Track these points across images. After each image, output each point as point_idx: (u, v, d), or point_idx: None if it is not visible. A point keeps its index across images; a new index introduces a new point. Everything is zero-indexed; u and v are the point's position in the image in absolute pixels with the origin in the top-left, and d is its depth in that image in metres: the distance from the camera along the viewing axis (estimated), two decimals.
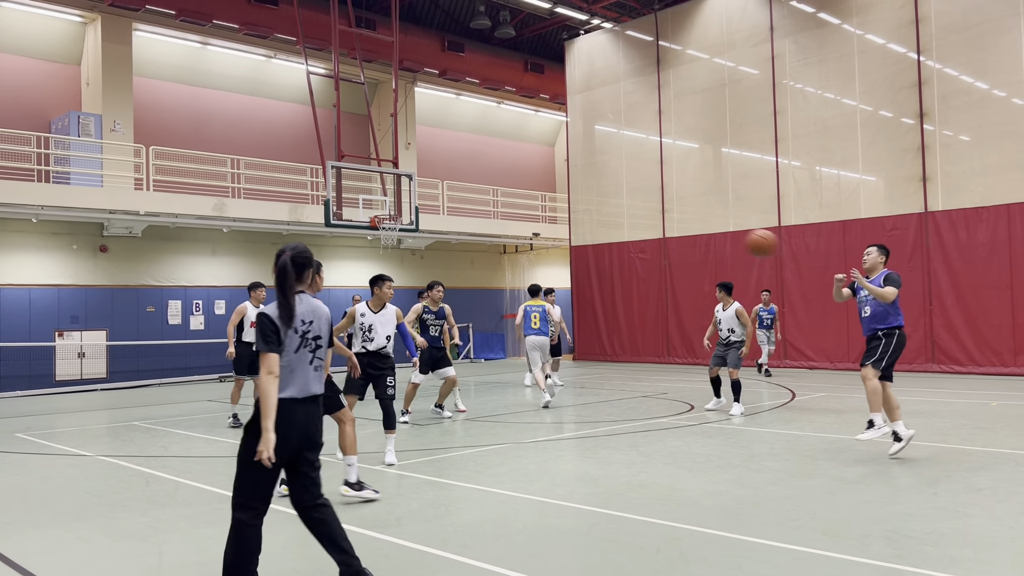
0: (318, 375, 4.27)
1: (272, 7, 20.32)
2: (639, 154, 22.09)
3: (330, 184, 15.98)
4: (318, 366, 4.28)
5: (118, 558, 5.15)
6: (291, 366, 4.16)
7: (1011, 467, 7.14)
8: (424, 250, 24.92)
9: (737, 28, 19.93)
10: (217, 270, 20.58)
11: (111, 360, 18.67)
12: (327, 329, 4.38)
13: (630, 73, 22.34)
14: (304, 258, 4.29)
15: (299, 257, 4.27)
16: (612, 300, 22.58)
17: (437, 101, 27.07)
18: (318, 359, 4.28)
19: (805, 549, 4.89)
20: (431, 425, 10.84)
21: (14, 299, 17.59)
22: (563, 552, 5.04)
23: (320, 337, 4.31)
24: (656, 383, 16.15)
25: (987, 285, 16.08)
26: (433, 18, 25.24)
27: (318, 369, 4.28)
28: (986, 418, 10.24)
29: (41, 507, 6.60)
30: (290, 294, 4.16)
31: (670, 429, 9.91)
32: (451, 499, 6.45)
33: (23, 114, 19.03)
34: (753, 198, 19.59)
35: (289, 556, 5.05)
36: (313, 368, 4.25)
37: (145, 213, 18.26)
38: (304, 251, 4.33)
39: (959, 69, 16.55)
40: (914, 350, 16.97)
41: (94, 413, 13.64)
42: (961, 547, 4.86)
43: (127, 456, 8.92)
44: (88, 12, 19.28)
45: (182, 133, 21.34)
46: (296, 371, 4.17)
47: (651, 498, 6.32)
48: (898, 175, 17.36)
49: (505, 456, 8.33)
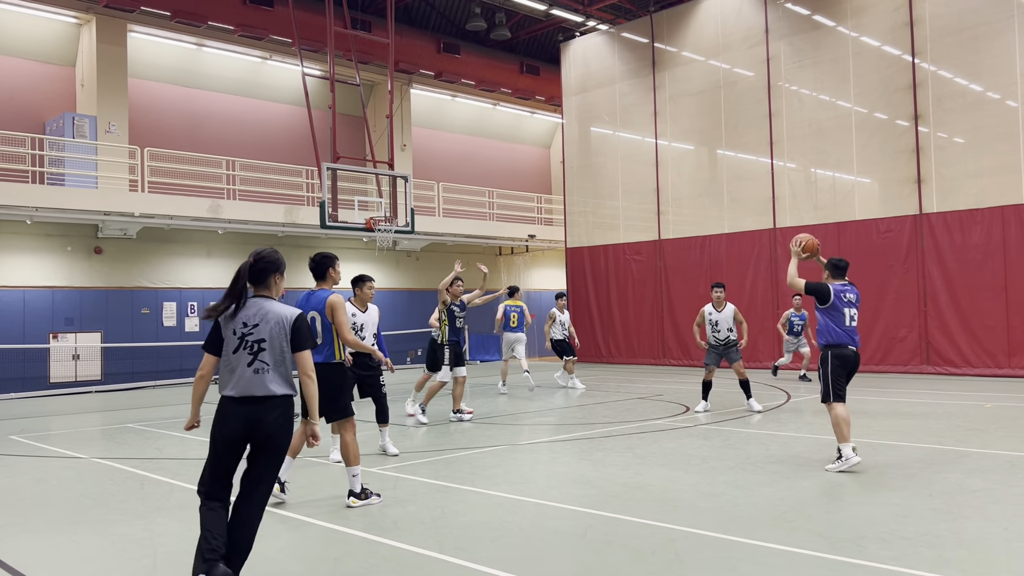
0: (260, 378, 4.29)
1: (267, 8, 20.30)
2: (635, 156, 22.11)
3: (325, 186, 15.96)
4: (259, 368, 4.30)
5: (113, 560, 5.14)
6: (230, 366, 4.32)
7: (1005, 469, 7.16)
8: (420, 252, 24.91)
9: (732, 30, 19.97)
10: (212, 272, 20.55)
11: (106, 362, 18.62)
12: (280, 334, 4.35)
13: (626, 75, 22.37)
14: (266, 263, 4.38)
15: (260, 262, 4.38)
16: (607, 302, 22.60)
17: (433, 103, 27.08)
18: (260, 362, 4.31)
19: (800, 551, 4.90)
20: (427, 427, 10.83)
21: (8, 301, 17.54)
22: (559, 554, 5.05)
23: (264, 340, 4.32)
24: (651, 384, 16.16)
25: (981, 287, 16.13)
26: (429, 20, 25.25)
27: (259, 372, 4.30)
28: (981, 420, 10.26)
29: (35, 510, 6.58)
30: (229, 297, 4.31)
31: (665, 431, 9.92)
32: (447, 501, 6.44)
33: (18, 115, 18.98)
34: (748, 200, 19.63)
35: (284, 559, 5.05)
36: (253, 371, 4.29)
37: (140, 215, 18.22)
38: (267, 257, 4.41)
39: (953, 72, 16.61)
40: (909, 352, 17.02)
41: (89, 415, 13.61)
42: (956, 549, 4.87)
43: (122, 458, 8.90)
44: (83, 13, 19.24)
45: (177, 134, 21.30)
46: (235, 371, 4.30)
47: (647, 500, 6.32)
48: (893, 177, 17.41)
49: (501, 458, 8.33)
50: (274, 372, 4.32)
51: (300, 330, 4.40)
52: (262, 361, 4.30)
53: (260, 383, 4.29)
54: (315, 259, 6.55)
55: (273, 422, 4.29)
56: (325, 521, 5.90)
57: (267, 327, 4.34)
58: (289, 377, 4.40)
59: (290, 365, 4.39)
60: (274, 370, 4.32)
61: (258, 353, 4.30)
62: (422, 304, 24.93)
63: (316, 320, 6.44)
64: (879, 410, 11.36)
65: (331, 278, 6.59)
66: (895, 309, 17.21)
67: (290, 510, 6.26)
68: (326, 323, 6.46)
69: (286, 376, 4.38)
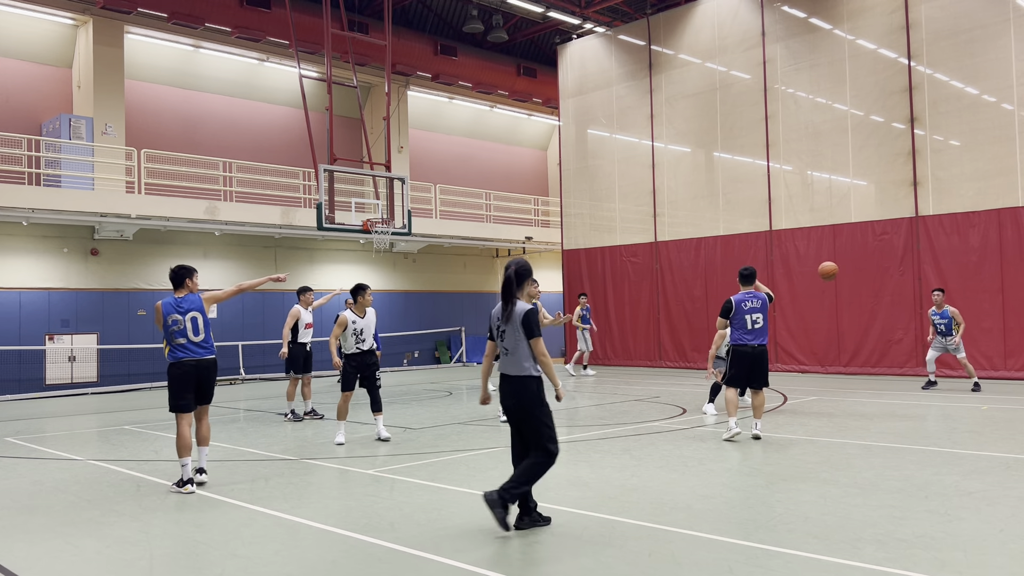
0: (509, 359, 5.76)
1: (265, 10, 20.28)
2: (631, 158, 22.13)
3: (322, 187, 15.96)
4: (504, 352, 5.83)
5: (109, 563, 5.13)
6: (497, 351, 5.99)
7: (1001, 471, 7.18)
8: (417, 254, 24.91)
9: (729, 33, 20.00)
10: (209, 273, 20.50)
11: (102, 364, 18.60)
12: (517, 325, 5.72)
13: (622, 77, 22.39)
14: (525, 270, 5.90)
15: (521, 270, 5.92)
16: (604, 304, 22.61)
17: (430, 105, 27.09)
18: (503, 348, 5.80)
19: (796, 552, 4.91)
20: (424, 429, 10.84)
21: (4, 302, 17.50)
22: (556, 556, 5.05)
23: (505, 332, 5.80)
24: (648, 387, 16.17)
25: (978, 289, 16.16)
26: (426, 22, 25.26)
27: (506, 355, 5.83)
28: (976, 422, 10.29)
29: (31, 512, 6.56)
30: (504, 300, 5.77)
31: (662, 433, 9.93)
32: (444, 503, 6.44)
33: (14, 116, 18.96)
34: (744, 202, 19.66)
35: (281, 561, 5.04)
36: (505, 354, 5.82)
37: (136, 216, 18.20)
38: (524, 265, 5.95)
39: (949, 74, 16.65)
40: (905, 354, 17.05)
41: (85, 417, 13.58)
42: (952, 550, 4.88)
43: (118, 460, 8.88)
44: (80, 15, 19.22)
45: (174, 136, 21.29)
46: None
47: (643, 502, 6.33)
48: (889, 179, 17.44)
49: (497, 460, 8.33)
50: (513, 355, 5.67)
51: (527, 322, 5.65)
52: (505, 346, 5.73)
53: (511, 363, 5.70)
54: (175, 270, 7.54)
55: (519, 393, 5.70)
56: (322, 523, 5.90)
57: (511, 321, 5.71)
58: (531, 359, 5.65)
59: (527, 351, 5.66)
60: (513, 354, 5.67)
61: (504, 340, 5.76)
62: (419, 306, 24.94)
63: (198, 320, 7.38)
64: (875, 412, 11.38)
65: (188, 287, 7.52)
66: (891, 311, 17.25)
67: (287, 512, 6.26)
68: (206, 320, 7.45)
69: (528, 358, 5.67)
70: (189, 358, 7.29)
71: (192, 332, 7.32)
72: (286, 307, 21.73)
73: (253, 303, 21.16)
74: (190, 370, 7.29)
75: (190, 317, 7.33)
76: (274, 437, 10.46)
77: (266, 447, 9.63)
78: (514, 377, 5.68)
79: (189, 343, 7.31)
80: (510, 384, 5.71)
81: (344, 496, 6.88)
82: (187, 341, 7.30)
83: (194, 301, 7.43)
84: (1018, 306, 15.72)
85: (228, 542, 5.49)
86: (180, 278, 7.50)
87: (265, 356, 21.15)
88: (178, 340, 7.30)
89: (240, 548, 5.34)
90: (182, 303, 7.39)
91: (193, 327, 7.32)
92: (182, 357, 7.28)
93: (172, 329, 7.30)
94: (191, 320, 7.33)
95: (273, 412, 13.34)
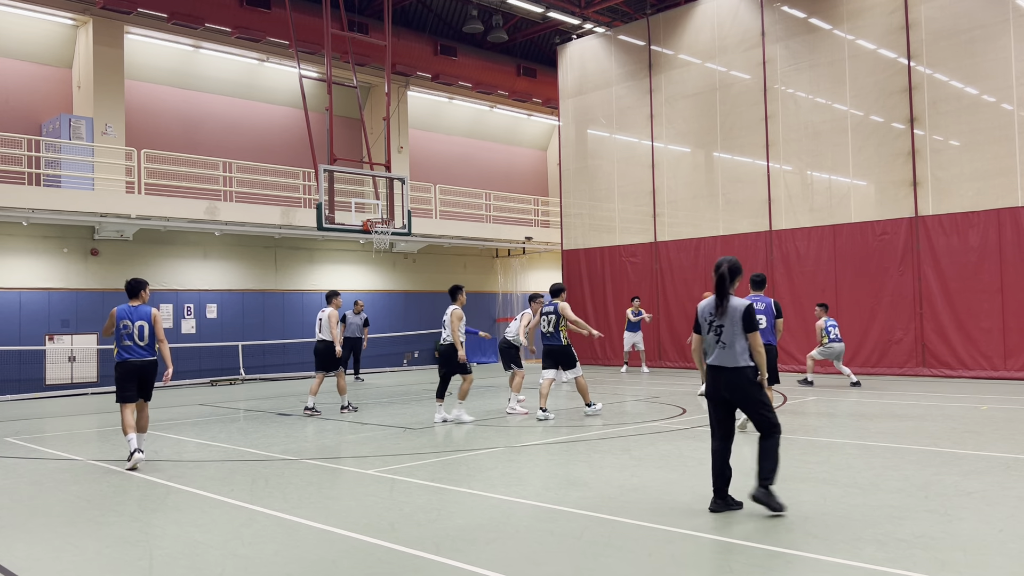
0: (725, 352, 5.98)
1: (265, 10, 20.28)
2: (631, 158, 22.13)
3: (322, 188, 15.96)
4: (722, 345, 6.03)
5: (109, 563, 5.13)
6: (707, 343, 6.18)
7: (1001, 471, 7.18)
8: (416, 254, 24.91)
9: (728, 33, 20.00)
10: (209, 274, 20.53)
11: (101, 364, 18.58)
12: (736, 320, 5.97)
13: (622, 77, 22.39)
14: (736, 267, 6.08)
15: (733, 268, 6.08)
16: (604, 304, 22.61)
17: (430, 105, 27.08)
18: (722, 341, 6.00)
19: (796, 552, 4.91)
20: (424, 429, 10.84)
21: (4, 303, 17.50)
22: (555, 556, 5.05)
23: (723, 326, 6.01)
24: (648, 387, 16.17)
25: (977, 289, 16.16)
26: (426, 22, 25.26)
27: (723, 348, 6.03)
28: (976, 422, 10.29)
29: (31, 512, 6.57)
30: (717, 296, 6.02)
31: (662, 433, 9.93)
32: (444, 503, 6.45)
33: (14, 117, 18.96)
34: (744, 202, 19.66)
35: (281, 561, 5.05)
36: (720, 346, 6.03)
37: (136, 216, 18.20)
38: (734, 262, 6.11)
39: (949, 74, 16.65)
40: (904, 354, 17.05)
41: (84, 417, 13.58)
42: (952, 550, 4.89)
43: (118, 460, 8.88)
44: (80, 15, 19.22)
45: (174, 136, 21.29)
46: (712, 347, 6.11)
47: (643, 502, 6.33)
48: (888, 180, 17.45)
49: (497, 460, 8.33)
50: (730, 349, 5.92)
51: (748, 317, 5.92)
52: (723, 341, 5.97)
53: (727, 356, 5.94)
54: (131, 282, 8.70)
55: (737, 384, 5.95)
56: (322, 523, 5.90)
57: (729, 316, 5.95)
58: (746, 351, 5.91)
59: (745, 344, 5.93)
60: (730, 348, 5.92)
61: (720, 334, 5.99)
62: (418, 306, 24.93)
63: (144, 328, 8.46)
64: (875, 412, 11.38)
65: (141, 297, 8.66)
66: (891, 311, 17.25)
67: (287, 512, 6.27)
68: (152, 329, 8.50)
69: (745, 351, 5.92)
70: (134, 359, 8.45)
71: (138, 337, 8.46)
72: (286, 307, 21.81)
73: (253, 303, 21.17)
74: (133, 369, 8.44)
75: (139, 324, 8.47)
76: (274, 437, 10.46)
77: (266, 447, 9.63)
78: (730, 369, 5.95)
79: (135, 346, 8.46)
80: (725, 375, 5.97)
81: (344, 496, 6.89)
82: (133, 344, 8.45)
83: (144, 311, 8.57)
84: (1018, 306, 15.72)
85: (228, 542, 5.49)
86: (135, 289, 8.69)
87: (265, 356, 21.16)
88: (125, 342, 8.44)
89: (240, 548, 5.34)
90: (134, 312, 8.54)
91: (139, 333, 8.46)
92: (128, 357, 8.43)
93: (122, 332, 8.44)
94: (139, 327, 8.47)
95: (273, 412, 13.34)
